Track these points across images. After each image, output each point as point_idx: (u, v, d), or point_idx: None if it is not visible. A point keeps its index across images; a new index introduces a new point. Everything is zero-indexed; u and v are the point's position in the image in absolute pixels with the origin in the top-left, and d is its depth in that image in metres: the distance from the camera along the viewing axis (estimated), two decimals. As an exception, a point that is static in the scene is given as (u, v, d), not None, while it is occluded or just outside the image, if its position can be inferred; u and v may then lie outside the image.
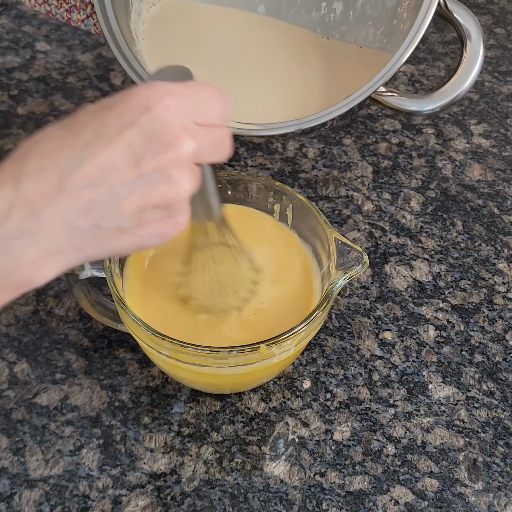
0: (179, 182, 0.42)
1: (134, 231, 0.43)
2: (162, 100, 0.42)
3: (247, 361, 0.51)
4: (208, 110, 0.44)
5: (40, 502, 0.54)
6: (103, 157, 0.40)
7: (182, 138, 0.42)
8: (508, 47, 0.90)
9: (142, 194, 0.42)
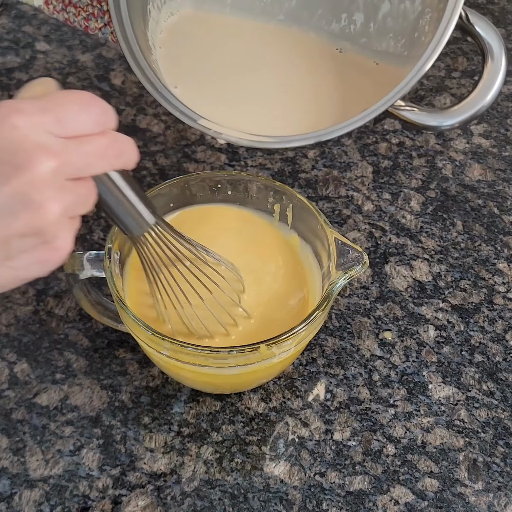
0: (42, 205, 0.38)
1: (6, 263, 0.39)
2: (9, 119, 0.37)
3: (247, 361, 0.51)
4: (75, 120, 0.40)
5: (40, 502, 0.54)
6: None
7: (36, 157, 0.38)
8: (508, 47, 0.90)
9: (1, 224, 0.38)
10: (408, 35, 0.61)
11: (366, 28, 0.63)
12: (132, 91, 0.84)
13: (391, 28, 0.62)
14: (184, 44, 0.65)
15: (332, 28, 0.64)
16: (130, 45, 0.58)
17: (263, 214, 0.63)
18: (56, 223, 0.39)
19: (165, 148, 0.77)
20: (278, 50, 0.65)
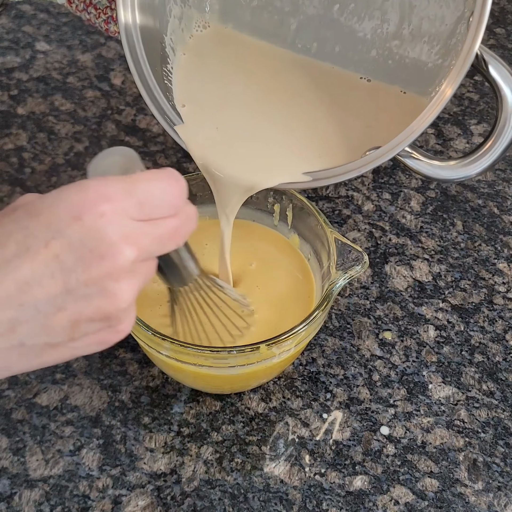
0: (116, 294, 0.39)
1: (68, 344, 0.39)
2: (95, 207, 0.37)
3: (247, 361, 0.51)
4: (155, 204, 0.39)
5: (40, 502, 0.54)
6: (27, 273, 0.37)
7: (119, 248, 0.38)
8: (508, 47, 0.90)
9: (73, 309, 0.38)
10: (444, 41, 0.57)
11: (399, 29, 0.59)
12: (132, 91, 0.84)
13: (426, 32, 0.58)
14: (203, 62, 0.63)
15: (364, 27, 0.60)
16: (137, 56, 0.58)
17: (263, 214, 0.63)
18: (126, 310, 0.40)
19: (165, 148, 0.77)
20: (297, 78, 0.62)
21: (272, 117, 0.59)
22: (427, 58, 0.58)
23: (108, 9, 0.68)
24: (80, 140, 0.78)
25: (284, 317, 0.57)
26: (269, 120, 0.59)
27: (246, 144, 0.58)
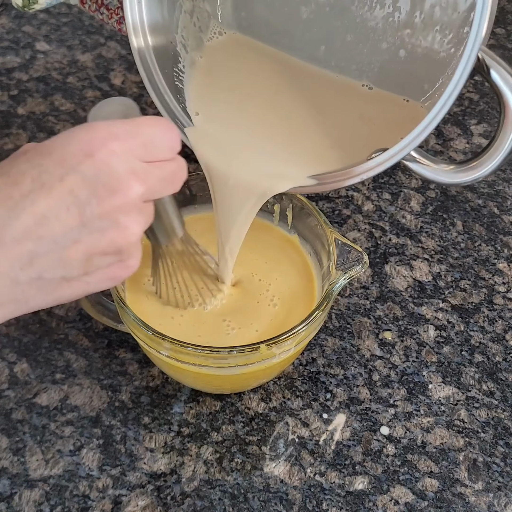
0: (128, 227, 0.41)
1: (81, 279, 0.41)
2: (106, 144, 0.40)
3: (247, 361, 0.51)
4: (157, 146, 0.42)
5: (40, 502, 0.54)
6: (44, 207, 0.38)
7: (129, 183, 0.40)
8: (508, 47, 0.90)
9: (88, 242, 0.40)
10: (457, 29, 0.56)
11: (411, 17, 0.58)
12: (132, 91, 0.84)
13: (439, 20, 0.57)
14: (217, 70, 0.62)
15: (375, 15, 0.59)
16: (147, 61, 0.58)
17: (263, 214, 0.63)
18: (135, 244, 0.42)
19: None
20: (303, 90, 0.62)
21: (280, 123, 0.60)
22: (440, 47, 0.57)
23: (120, 10, 0.69)
24: (80, 140, 0.78)
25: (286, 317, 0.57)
26: (278, 126, 0.60)
27: (256, 149, 0.58)
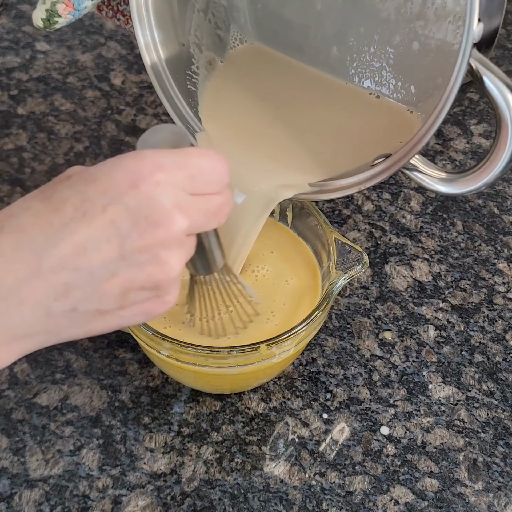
0: (168, 263, 0.39)
1: (116, 313, 0.40)
2: (152, 176, 0.38)
3: (247, 361, 0.51)
4: (204, 179, 0.41)
5: (40, 502, 0.54)
6: (84, 237, 0.37)
7: (173, 217, 0.39)
8: (508, 47, 0.90)
9: (126, 276, 0.39)
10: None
11: (423, 8, 0.55)
12: (132, 91, 0.84)
13: (451, 11, 0.55)
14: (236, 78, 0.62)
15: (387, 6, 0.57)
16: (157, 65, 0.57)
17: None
18: (174, 280, 0.40)
19: (165, 148, 0.77)
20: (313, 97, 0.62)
21: (288, 131, 0.60)
22: (453, 39, 0.55)
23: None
24: (80, 140, 0.78)
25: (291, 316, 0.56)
26: (285, 134, 0.60)
27: (263, 158, 0.58)
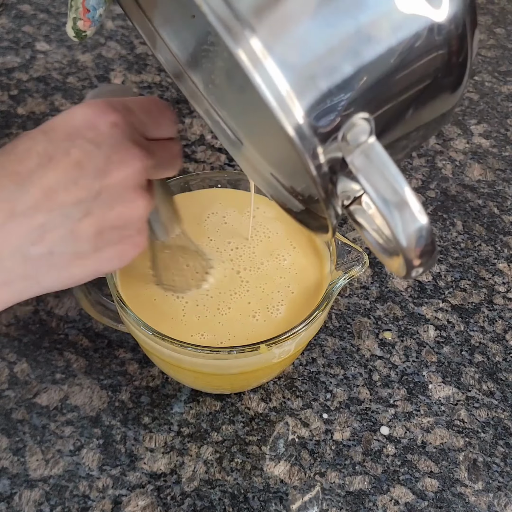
0: (135, 200, 0.41)
1: (92, 256, 0.40)
2: (108, 117, 0.40)
3: (247, 361, 0.51)
4: (157, 124, 0.42)
5: (40, 502, 0.54)
6: (52, 180, 0.38)
7: (134, 154, 0.40)
8: (508, 47, 0.90)
9: (98, 214, 0.39)
10: None
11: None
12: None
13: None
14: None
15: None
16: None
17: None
18: (142, 219, 0.42)
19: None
20: None
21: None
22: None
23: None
24: (80, 140, 0.78)
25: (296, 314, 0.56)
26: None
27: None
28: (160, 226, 0.50)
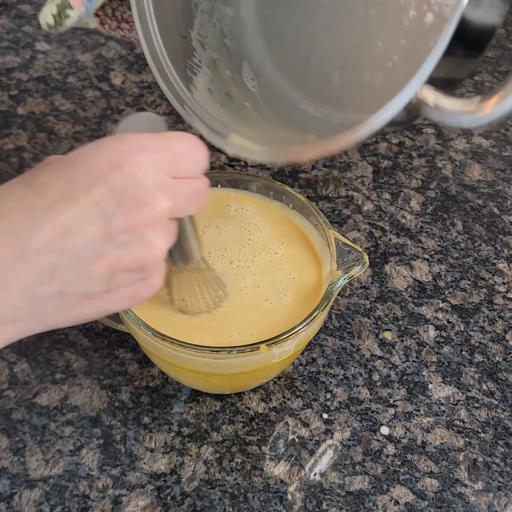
0: (153, 243, 0.40)
1: (102, 297, 0.40)
2: (134, 156, 0.39)
3: (247, 361, 0.51)
4: (184, 162, 0.41)
5: (40, 502, 0.54)
6: (68, 218, 0.37)
7: (157, 197, 0.39)
8: (508, 47, 0.90)
9: (112, 256, 0.39)
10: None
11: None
12: (132, 91, 0.84)
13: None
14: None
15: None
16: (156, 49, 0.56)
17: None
18: (159, 262, 0.41)
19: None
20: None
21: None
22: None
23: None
24: (80, 140, 0.78)
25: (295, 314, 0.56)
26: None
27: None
28: (181, 254, 0.49)
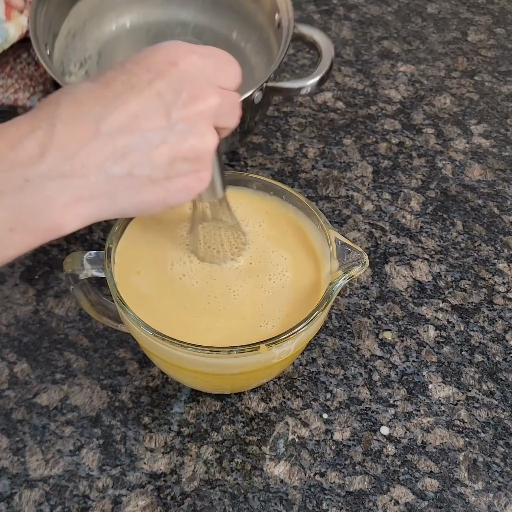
0: (206, 134, 0.44)
1: (163, 183, 0.44)
2: (188, 57, 0.44)
3: (247, 361, 0.51)
4: (225, 74, 0.46)
5: (40, 502, 0.54)
6: (135, 106, 0.42)
7: (209, 92, 0.44)
8: (508, 47, 0.90)
9: (173, 143, 0.43)
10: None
11: None
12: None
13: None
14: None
15: None
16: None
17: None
18: (211, 154, 0.45)
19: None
20: None
21: None
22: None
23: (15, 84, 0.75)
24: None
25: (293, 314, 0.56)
26: None
27: None
28: (208, 186, 0.50)
